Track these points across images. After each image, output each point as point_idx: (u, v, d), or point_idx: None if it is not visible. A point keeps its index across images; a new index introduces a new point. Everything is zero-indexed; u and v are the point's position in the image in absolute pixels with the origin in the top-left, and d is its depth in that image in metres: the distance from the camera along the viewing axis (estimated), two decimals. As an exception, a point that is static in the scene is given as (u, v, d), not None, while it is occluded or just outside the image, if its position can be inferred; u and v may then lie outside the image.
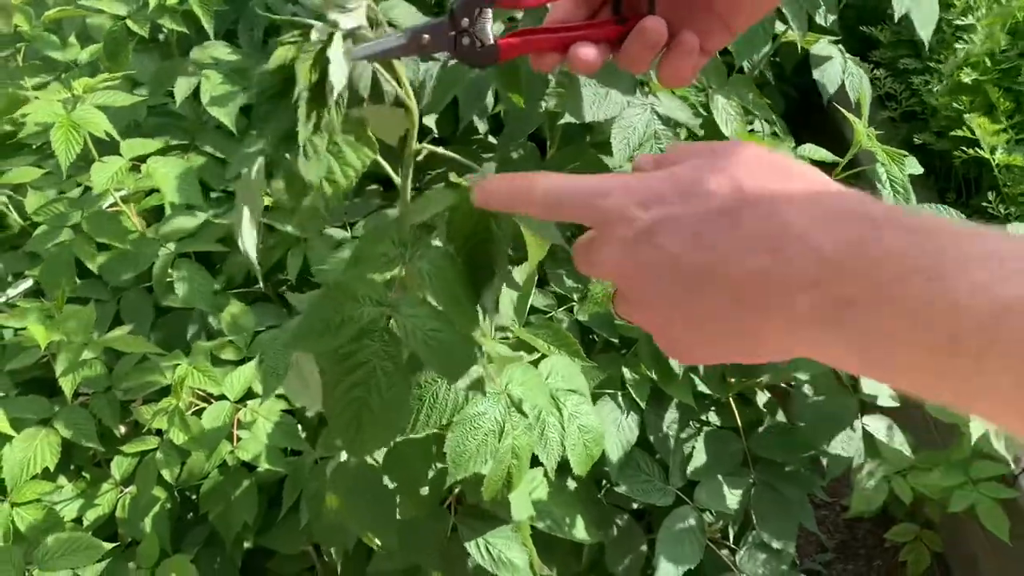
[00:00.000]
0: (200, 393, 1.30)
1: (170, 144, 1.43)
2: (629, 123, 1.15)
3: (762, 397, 1.34)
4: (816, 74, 1.37)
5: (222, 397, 1.28)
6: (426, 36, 0.55)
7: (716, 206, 0.42)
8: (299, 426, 1.29)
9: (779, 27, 1.40)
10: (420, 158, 0.72)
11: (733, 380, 1.25)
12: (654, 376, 1.15)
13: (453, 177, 0.62)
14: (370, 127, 0.66)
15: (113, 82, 1.22)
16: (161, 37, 1.54)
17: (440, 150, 0.72)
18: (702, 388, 1.22)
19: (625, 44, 0.55)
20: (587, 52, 0.55)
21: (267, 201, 1.41)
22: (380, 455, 0.95)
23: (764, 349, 0.43)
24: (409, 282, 0.64)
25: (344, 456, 0.97)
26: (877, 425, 1.18)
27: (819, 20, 1.32)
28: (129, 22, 1.31)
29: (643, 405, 1.16)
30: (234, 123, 1.38)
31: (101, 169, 1.18)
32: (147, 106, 1.50)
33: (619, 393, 1.16)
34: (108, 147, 1.25)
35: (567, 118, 1.16)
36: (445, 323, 0.61)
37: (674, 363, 1.15)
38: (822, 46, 1.39)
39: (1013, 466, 1.24)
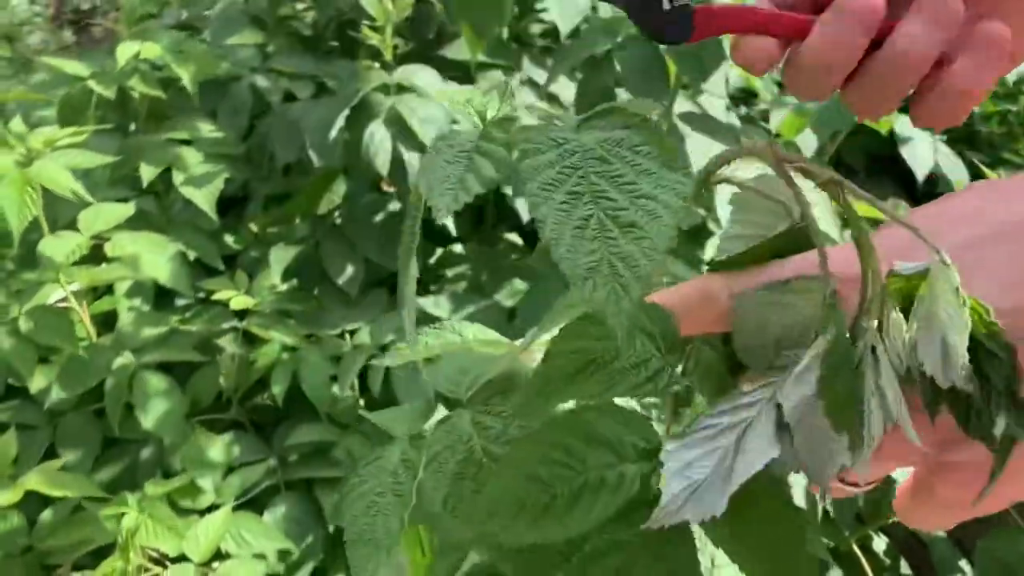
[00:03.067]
0: (152, 554, 0.98)
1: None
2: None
3: (879, 543, 1.05)
4: (904, 151, 1.19)
5: (182, 558, 0.96)
6: None
7: None
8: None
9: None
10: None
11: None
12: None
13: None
14: None
15: (77, 139, 0.96)
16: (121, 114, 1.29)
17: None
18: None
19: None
20: None
21: (244, 302, 1.14)
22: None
23: None
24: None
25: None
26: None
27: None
28: (92, 83, 1.07)
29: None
30: (214, 208, 1.13)
31: (56, 244, 0.91)
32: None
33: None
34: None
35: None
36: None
37: (799, 497, 0.87)
38: (904, 126, 1.22)
39: None
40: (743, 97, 1.51)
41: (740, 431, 0.28)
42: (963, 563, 0.98)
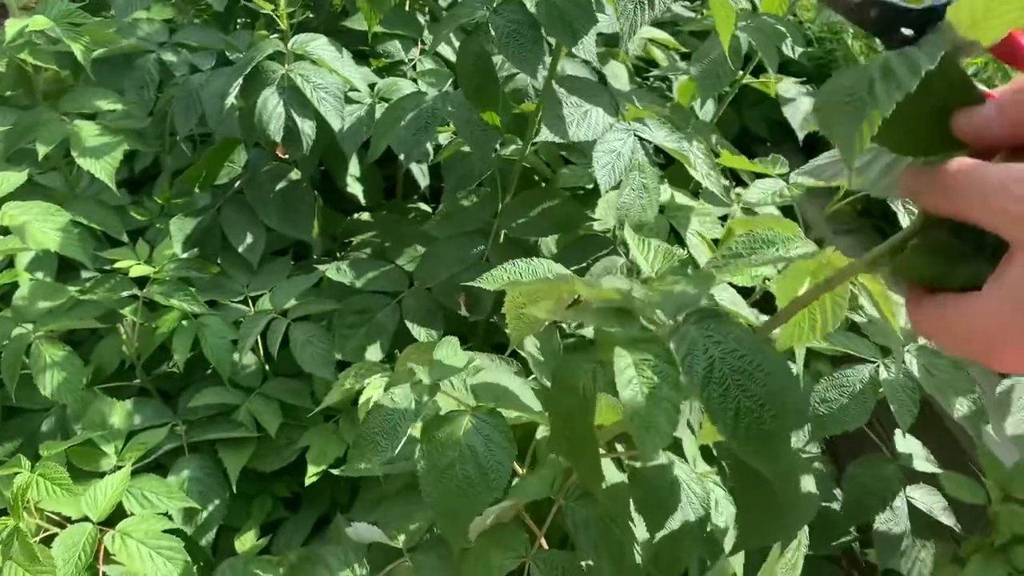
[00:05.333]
0: (53, 517, 0.99)
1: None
2: (612, 147, 0.96)
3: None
4: (786, 111, 1.24)
5: (84, 520, 0.97)
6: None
7: None
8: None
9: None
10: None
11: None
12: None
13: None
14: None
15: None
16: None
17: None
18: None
19: None
20: None
21: (143, 271, 1.14)
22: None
23: None
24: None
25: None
26: (925, 498, 0.96)
27: (786, 51, 1.19)
28: (-20, 56, 1.08)
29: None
30: (113, 179, 1.14)
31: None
32: None
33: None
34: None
35: (543, 136, 0.97)
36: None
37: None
38: (787, 86, 1.27)
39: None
40: (644, 67, 1.55)
41: None
42: (837, 491, 1.03)
